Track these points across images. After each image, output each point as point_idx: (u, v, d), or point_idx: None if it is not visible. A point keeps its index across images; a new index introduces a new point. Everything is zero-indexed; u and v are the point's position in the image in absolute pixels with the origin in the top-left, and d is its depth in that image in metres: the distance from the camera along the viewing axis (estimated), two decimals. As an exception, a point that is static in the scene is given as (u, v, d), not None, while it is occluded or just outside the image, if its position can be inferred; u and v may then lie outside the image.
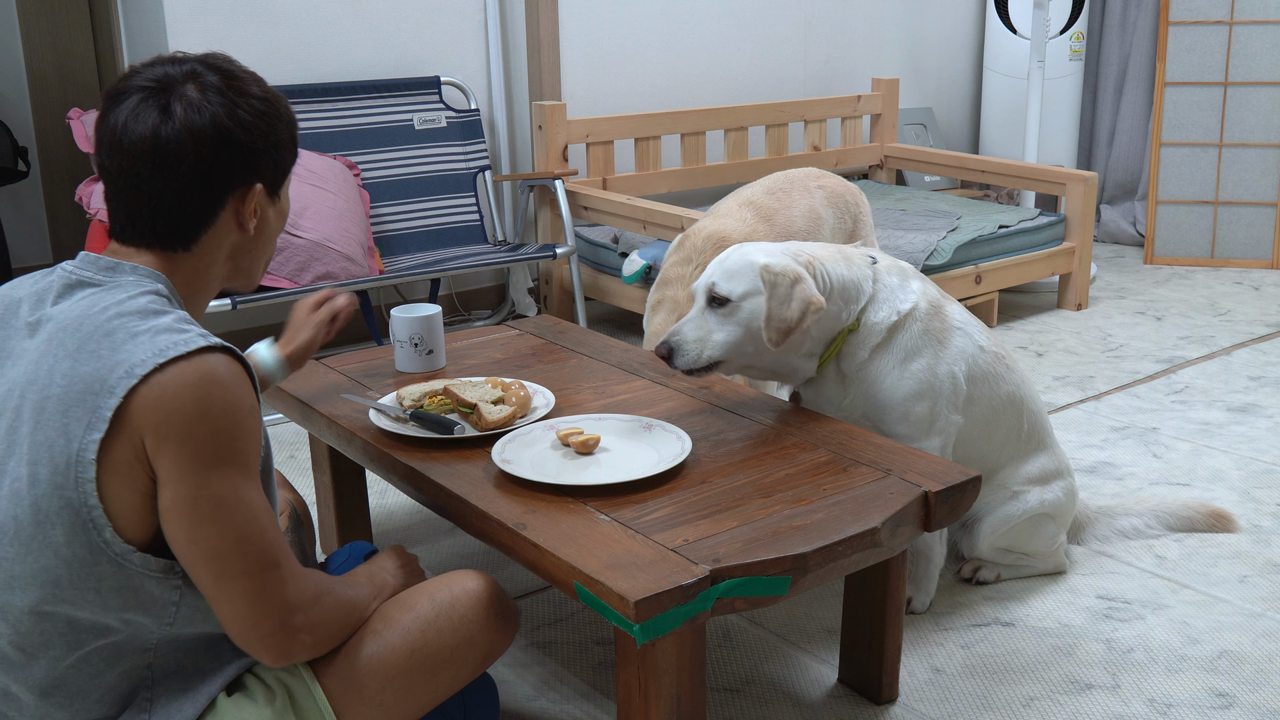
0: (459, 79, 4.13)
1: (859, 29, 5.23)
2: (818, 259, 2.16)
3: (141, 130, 1.41)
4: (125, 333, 1.36)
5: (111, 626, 1.39)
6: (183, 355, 1.34)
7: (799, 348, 2.17)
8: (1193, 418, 3.37)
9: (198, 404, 1.34)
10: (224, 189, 1.47)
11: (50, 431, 1.34)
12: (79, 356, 1.35)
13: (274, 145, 1.50)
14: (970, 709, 2.03)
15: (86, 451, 1.32)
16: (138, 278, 1.43)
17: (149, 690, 1.45)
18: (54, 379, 1.36)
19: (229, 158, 1.45)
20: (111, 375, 1.33)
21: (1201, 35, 4.99)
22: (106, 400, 1.32)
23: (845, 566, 1.69)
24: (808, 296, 2.08)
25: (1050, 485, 2.37)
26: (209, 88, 1.44)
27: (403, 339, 2.33)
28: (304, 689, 1.49)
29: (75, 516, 1.33)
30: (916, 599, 2.32)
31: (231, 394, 1.37)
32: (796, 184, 3.13)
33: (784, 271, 2.09)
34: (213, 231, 1.48)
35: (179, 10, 3.58)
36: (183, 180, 1.43)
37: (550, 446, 1.93)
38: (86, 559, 1.35)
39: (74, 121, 3.43)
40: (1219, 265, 5.10)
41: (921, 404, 2.18)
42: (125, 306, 1.39)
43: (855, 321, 2.18)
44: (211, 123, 1.43)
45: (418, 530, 2.70)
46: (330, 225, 3.43)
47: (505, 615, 1.65)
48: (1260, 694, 2.07)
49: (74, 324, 1.38)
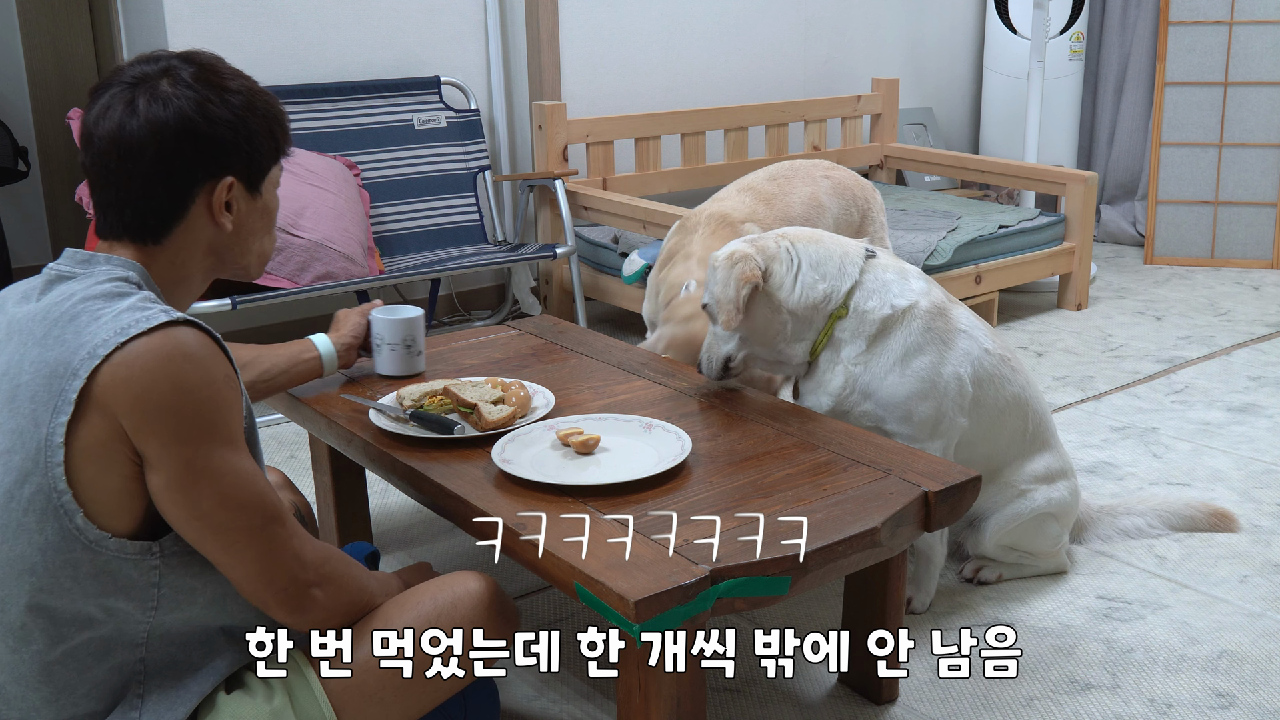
0: (459, 79, 4.13)
1: (859, 29, 5.23)
2: (790, 237, 2.22)
3: (108, 125, 1.43)
4: (89, 315, 1.37)
5: (94, 617, 1.39)
6: (145, 332, 1.34)
7: (781, 328, 2.20)
8: (1193, 418, 3.37)
9: (171, 381, 1.34)
10: (189, 181, 1.46)
11: (20, 419, 1.35)
12: (45, 343, 1.36)
13: (246, 138, 1.49)
14: (970, 709, 2.03)
15: (54, 435, 1.33)
16: (110, 267, 1.44)
17: (140, 686, 1.44)
18: (23, 367, 1.37)
19: (192, 149, 1.44)
20: (75, 358, 1.34)
21: (1201, 35, 4.98)
22: (70, 383, 1.33)
23: (845, 566, 1.69)
24: (742, 273, 2.14)
25: (1056, 485, 2.38)
26: (181, 82, 1.45)
27: (394, 342, 2.24)
28: (304, 687, 1.49)
29: (46, 502, 1.34)
30: (916, 599, 2.32)
31: (203, 367, 1.37)
32: (801, 172, 3.14)
33: (726, 255, 2.18)
34: (185, 225, 1.48)
35: (179, 10, 3.58)
36: (145, 172, 1.43)
37: (550, 446, 1.93)
38: (60, 545, 1.35)
39: (74, 121, 3.43)
40: (1219, 265, 5.10)
41: (925, 404, 2.18)
42: (90, 291, 1.39)
43: (843, 306, 2.19)
44: (175, 115, 1.43)
45: (418, 530, 2.70)
46: (330, 225, 3.43)
47: (506, 616, 1.65)
48: (1260, 694, 2.07)
49: (42, 313, 1.39)
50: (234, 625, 1.51)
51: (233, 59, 1.56)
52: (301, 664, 1.52)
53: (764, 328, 2.19)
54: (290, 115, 4.09)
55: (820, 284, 2.18)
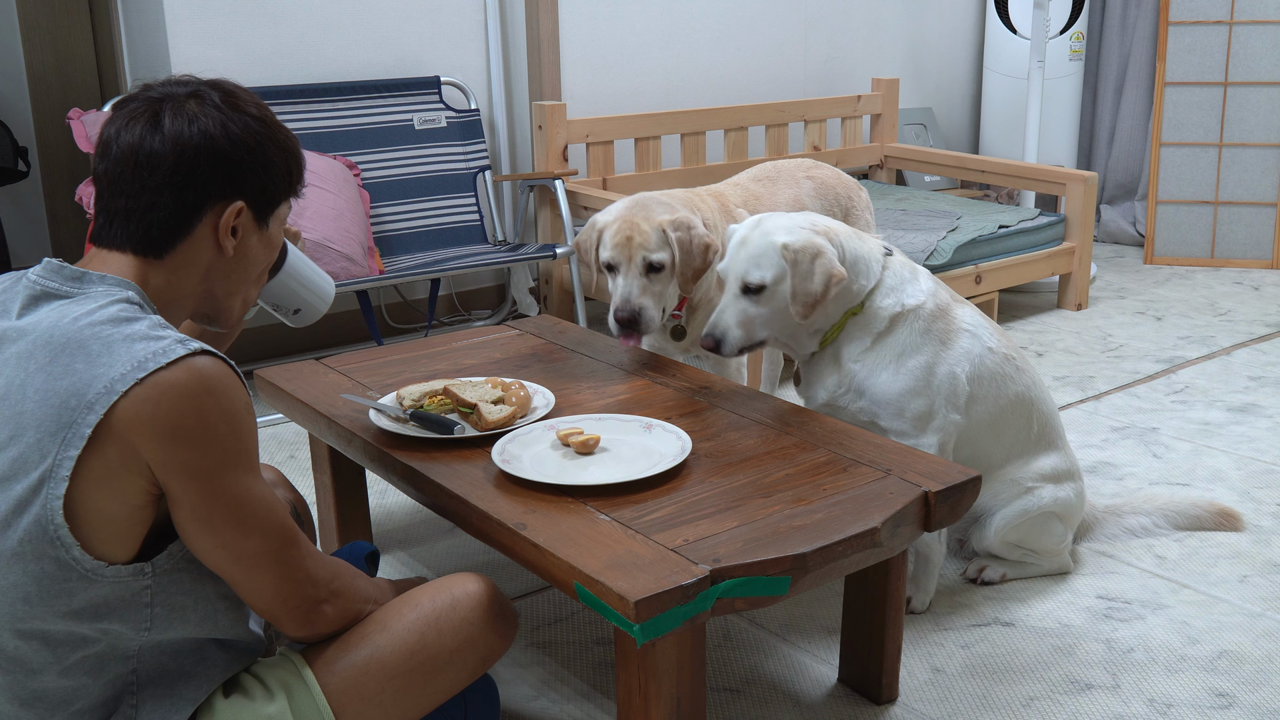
0: (459, 79, 4.13)
1: (859, 29, 5.23)
2: (834, 230, 2.21)
3: (130, 137, 1.45)
4: (99, 343, 1.35)
5: (88, 637, 1.39)
6: (165, 365, 1.33)
7: (806, 324, 2.21)
8: (1193, 418, 3.37)
9: (198, 416, 1.34)
10: (202, 198, 1.47)
11: (24, 448, 1.33)
12: (52, 371, 1.34)
13: (263, 165, 1.50)
14: (970, 709, 2.03)
15: (61, 468, 1.31)
16: (107, 287, 1.42)
17: (133, 697, 1.44)
18: (26, 394, 1.34)
19: (210, 167, 1.46)
20: (89, 390, 1.32)
21: (1201, 35, 4.98)
22: (85, 417, 1.31)
23: (845, 566, 1.69)
24: (829, 269, 2.13)
25: (1063, 485, 2.38)
26: (208, 103, 1.48)
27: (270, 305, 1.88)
28: (303, 690, 1.49)
29: (42, 534, 1.33)
30: (916, 599, 2.32)
31: (226, 398, 1.37)
32: (785, 174, 3.13)
33: (804, 247, 2.14)
34: (188, 242, 1.48)
35: (179, 10, 3.58)
36: (159, 184, 1.44)
37: (550, 446, 1.93)
38: (56, 575, 1.34)
39: (74, 121, 3.43)
40: (1219, 265, 5.10)
41: (917, 401, 2.19)
42: (96, 316, 1.37)
43: (860, 305, 2.20)
44: (200, 133, 1.45)
45: (418, 530, 2.70)
46: (330, 225, 3.43)
47: (505, 618, 1.65)
48: (1260, 694, 2.07)
49: (44, 338, 1.37)
50: (226, 639, 1.51)
51: (233, 59, 1.57)
52: (300, 666, 1.52)
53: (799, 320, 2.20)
54: (290, 115, 4.11)
55: (855, 283, 2.20)
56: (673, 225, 2.43)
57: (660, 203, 2.51)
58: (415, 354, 2.46)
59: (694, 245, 2.45)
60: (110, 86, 4.16)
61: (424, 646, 1.56)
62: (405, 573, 2.50)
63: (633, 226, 2.42)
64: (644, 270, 2.42)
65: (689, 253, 2.44)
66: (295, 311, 1.89)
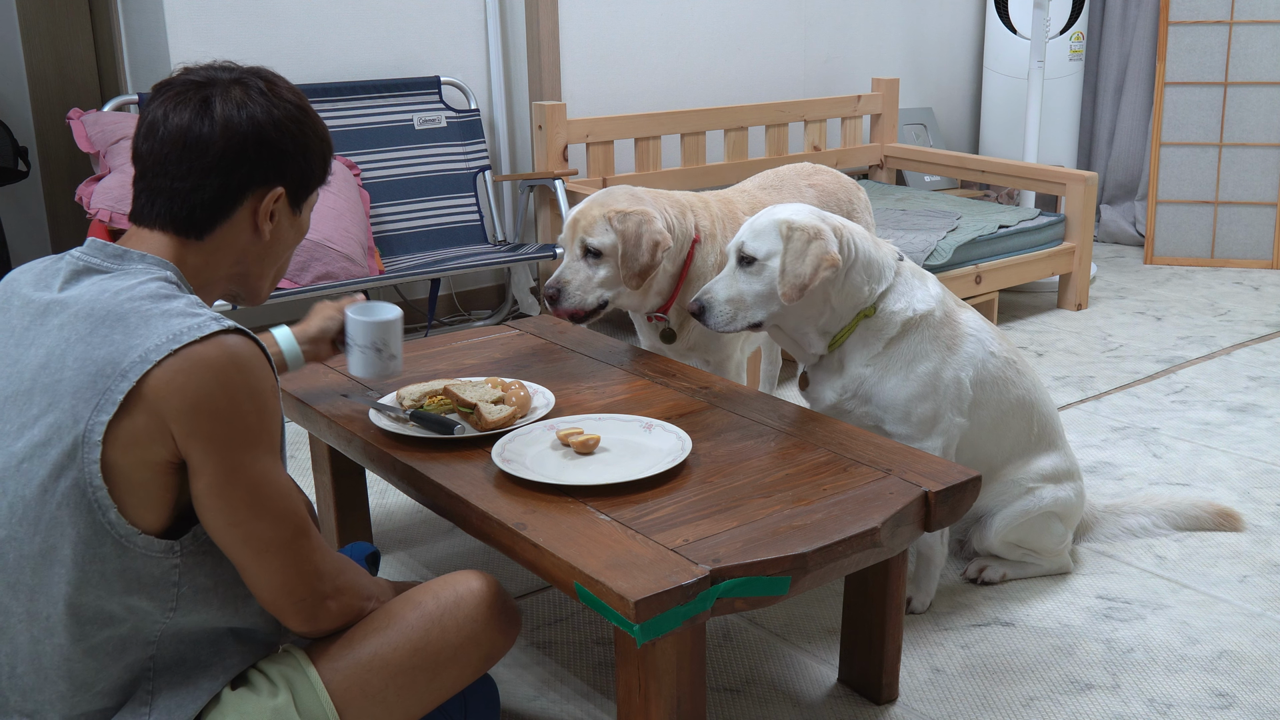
0: (459, 79, 4.13)
1: (859, 29, 5.23)
2: (847, 228, 2.20)
3: (179, 120, 1.48)
4: (138, 317, 1.38)
5: (116, 614, 1.40)
6: (198, 340, 1.37)
7: (818, 316, 2.20)
8: (1193, 418, 3.37)
9: (224, 389, 1.37)
10: (246, 183, 1.50)
11: (60, 414, 1.36)
12: (91, 341, 1.38)
13: (303, 151, 1.55)
14: (970, 709, 2.03)
15: (93, 433, 1.34)
16: (146, 265, 1.47)
17: (150, 683, 1.45)
18: (66, 363, 1.38)
19: (256, 153, 1.50)
20: (125, 359, 1.36)
21: (1201, 35, 4.99)
22: (118, 384, 1.35)
23: (845, 566, 1.69)
24: (822, 253, 2.11)
25: (1063, 485, 2.39)
26: (253, 90, 1.51)
27: (364, 344, 1.99)
28: (307, 684, 1.50)
29: (81, 496, 1.35)
30: (916, 599, 2.32)
31: (255, 377, 1.40)
32: (787, 182, 3.12)
33: (803, 227, 2.13)
34: (228, 225, 1.52)
35: (179, 10, 3.58)
36: (207, 166, 1.47)
37: (550, 446, 1.93)
38: (91, 539, 1.36)
39: (74, 121, 3.43)
40: (1219, 265, 5.10)
41: (924, 405, 2.19)
42: (136, 291, 1.41)
43: (872, 308, 2.19)
44: (248, 119, 1.49)
45: (418, 530, 2.70)
46: (330, 225, 3.43)
47: (508, 616, 1.65)
48: (1260, 694, 2.07)
49: (85, 310, 1.40)
50: (244, 628, 1.52)
51: (232, 59, 1.59)
52: (303, 662, 1.52)
53: (801, 310, 2.19)
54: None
55: (865, 285, 2.20)
56: (620, 215, 2.43)
57: (630, 195, 2.51)
58: (415, 354, 2.46)
59: (641, 239, 2.41)
60: (110, 87, 4.16)
61: (428, 644, 1.56)
62: (406, 573, 2.50)
63: (583, 213, 2.46)
64: (583, 253, 2.45)
65: (633, 245, 2.41)
66: (392, 357, 2.01)
